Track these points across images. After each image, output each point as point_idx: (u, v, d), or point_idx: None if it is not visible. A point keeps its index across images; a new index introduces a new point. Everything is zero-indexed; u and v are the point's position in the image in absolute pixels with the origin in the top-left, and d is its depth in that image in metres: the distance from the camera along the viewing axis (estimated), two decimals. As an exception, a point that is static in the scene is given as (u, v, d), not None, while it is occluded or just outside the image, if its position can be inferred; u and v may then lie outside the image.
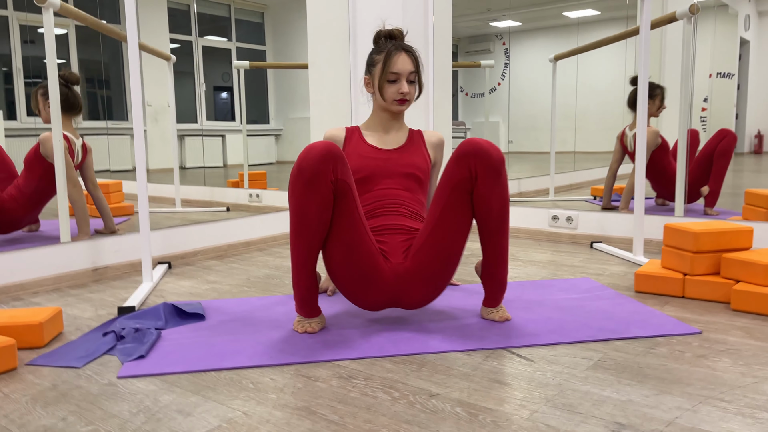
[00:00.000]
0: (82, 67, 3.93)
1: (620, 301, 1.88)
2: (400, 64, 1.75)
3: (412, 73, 1.77)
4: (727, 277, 1.84)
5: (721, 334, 1.59)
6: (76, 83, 2.78)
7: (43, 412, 1.22)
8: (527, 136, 5.19)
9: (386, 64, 1.75)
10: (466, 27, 5.34)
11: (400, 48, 1.77)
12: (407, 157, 1.83)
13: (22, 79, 3.47)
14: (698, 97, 4.33)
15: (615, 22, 4.88)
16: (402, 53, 1.76)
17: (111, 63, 4.10)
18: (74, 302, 2.03)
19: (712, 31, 4.51)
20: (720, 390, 1.26)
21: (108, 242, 2.37)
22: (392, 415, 1.18)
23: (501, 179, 1.55)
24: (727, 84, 5.10)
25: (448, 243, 1.59)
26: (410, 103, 1.80)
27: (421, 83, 1.81)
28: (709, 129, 4.68)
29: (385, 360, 1.46)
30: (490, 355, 1.47)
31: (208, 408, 1.23)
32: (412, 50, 1.79)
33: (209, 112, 4.69)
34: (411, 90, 1.78)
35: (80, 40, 3.82)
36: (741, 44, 5.35)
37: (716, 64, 4.75)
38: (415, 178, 1.80)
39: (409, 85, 1.77)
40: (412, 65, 1.76)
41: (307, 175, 1.46)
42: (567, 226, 2.93)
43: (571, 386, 1.29)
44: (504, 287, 1.69)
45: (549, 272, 2.34)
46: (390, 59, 1.75)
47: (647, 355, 1.45)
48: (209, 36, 4.66)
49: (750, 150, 5.91)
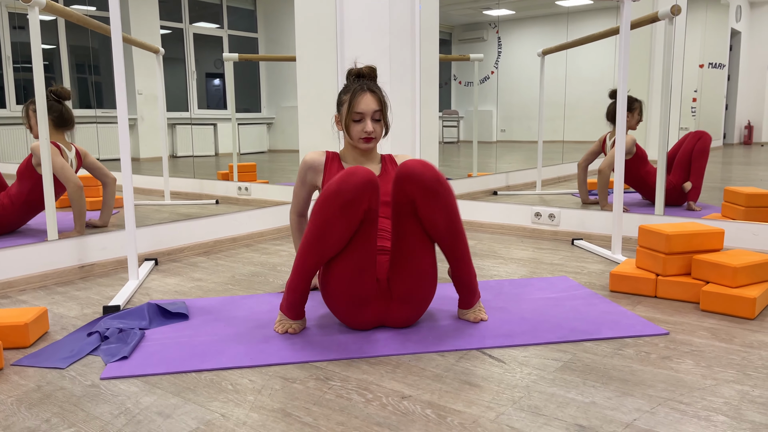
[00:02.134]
0: (71, 53, 3.93)
1: (594, 301, 1.93)
2: (364, 104, 1.82)
3: (377, 111, 1.84)
4: (697, 278, 1.89)
5: (688, 335, 1.65)
6: (67, 98, 2.82)
7: (27, 414, 1.27)
8: (520, 124, 5.22)
9: (351, 105, 1.83)
10: (460, 15, 5.34)
11: (366, 88, 1.84)
12: (384, 186, 1.89)
13: (11, 66, 3.47)
14: (689, 87, 4.37)
15: (606, 12, 4.89)
16: (366, 94, 1.83)
17: (101, 49, 4.09)
18: (61, 300, 2.07)
19: (703, 22, 4.53)
20: (680, 392, 1.31)
21: (95, 240, 2.40)
22: (364, 417, 1.23)
23: (439, 197, 1.57)
24: (718, 75, 5.12)
25: (415, 263, 1.62)
26: (377, 140, 1.88)
27: (386, 122, 1.88)
28: (698, 119, 4.72)
29: (362, 361, 1.51)
30: (463, 356, 1.52)
31: (188, 410, 1.27)
32: (377, 90, 1.86)
33: (201, 100, 4.70)
34: (376, 128, 1.85)
35: (69, 26, 3.81)
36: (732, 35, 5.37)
37: (707, 54, 4.77)
38: (390, 205, 1.78)
39: (374, 123, 1.85)
40: (376, 104, 1.83)
41: (344, 198, 1.50)
42: (549, 223, 2.98)
43: (538, 388, 1.34)
44: (474, 289, 1.74)
45: (528, 270, 2.39)
46: (354, 99, 1.83)
47: (614, 356, 1.51)
48: (200, 23, 4.65)
49: (739, 141, 5.95)
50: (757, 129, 4.91)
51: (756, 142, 4.97)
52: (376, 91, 1.85)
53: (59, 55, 3.87)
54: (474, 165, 4.42)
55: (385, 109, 1.86)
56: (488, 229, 3.24)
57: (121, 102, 2.02)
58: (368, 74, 1.90)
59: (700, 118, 4.73)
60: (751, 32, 4.83)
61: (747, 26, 4.85)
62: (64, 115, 2.80)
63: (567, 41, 4.03)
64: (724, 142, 5.73)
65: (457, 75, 5.37)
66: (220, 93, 4.92)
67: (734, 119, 5.96)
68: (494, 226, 3.20)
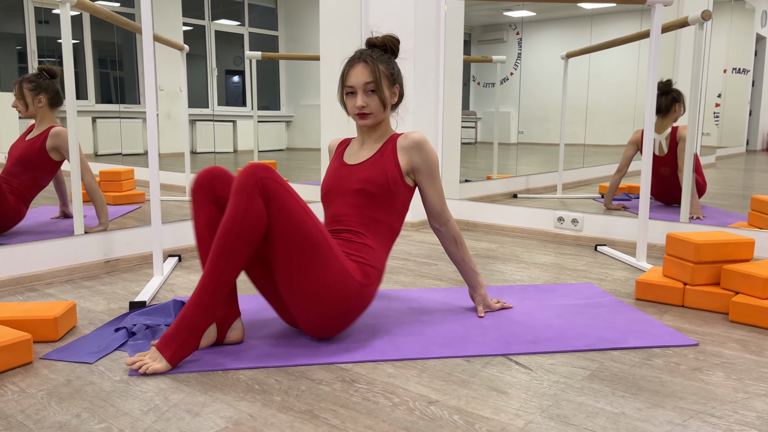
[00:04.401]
0: (95, 47, 3.97)
1: (620, 309, 1.91)
2: (353, 76, 1.66)
3: (369, 83, 1.65)
4: (726, 288, 1.86)
5: (717, 347, 1.62)
6: (56, 77, 2.78)
7: (58, 408, 1.28)
8: (539, 126, 5.19)
9: (343, 77, 1.70)
10: (480, 16, 5.31)
11: (358, 58, 1.68)
12: (364, 171, 1.71)
13: (36, 59, 3.51)
14: (712, 93, 4.32)
15: (630, 15, 4.84)
16: (358, 64, 1.67)
17: (124, 45, 4.13)
18: (87, 294, 2.09)
19: (728, 27, 4.47)
20: (711, 405, 1.29)
21: (119, 235, 2.42)
22: (392, 421, 1.23)
23: (232, 203, 1.44)
24: (742, 80, 5.06)
25: (280, 275, 1.52)
26: (374, 116, 1.69)
27: (382, 95, 1.67)
28: (721, 125, 4.66)
29: (387, 364, 1.50)
30: (489, 362, 1.52)
31: (216, 408, 1.28)
32: (370, 60, 1.66)
33: (220, 97, 4.73)
34: (370, 102, 1.67)
35: (94, 21, 3.85)
36: (757, 40, 5.29)
37: (731, 59, 4.71)
38: (366, 193, 1.68)
39: (368, 96, 1.67)
40: (368, 75, 1.65)
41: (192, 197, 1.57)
42: (572, 228, 2.96)
43: (566, 397, 1.33)
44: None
45: (552, 275, 2.37)
46: (345, 72, 1.69)
47: (643, 366, 1.49)
48: (222, 20, 4.68)
49: (762, 147, 5.87)
50: (781, 136, 4.84)
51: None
52: (368, 61, 1.66)
53: (83, 50, 3.91)
54: (494, 167, 4.40)
55: (380, 79, 1.66)
56: (509, 232, 3.22)
57: (150, 99, 2.04)
58: (380, 45, 1.72)
59: (723, 124, 4.67)
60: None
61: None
62: (59, 93, 2.75)
63: (591, 44, 4.00)
64: (747, 148, 5.66)
65: (476, 76, 5.35)
66: (239, 90, 4.95)
67: (758, 125, 5.88)
68: (515, 229, 3.18)
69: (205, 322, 1.45)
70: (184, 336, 1.43)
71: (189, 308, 1.43)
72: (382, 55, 1.70)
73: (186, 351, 1.45)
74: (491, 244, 2.95)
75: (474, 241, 3.03)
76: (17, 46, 3.53)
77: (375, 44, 1.72)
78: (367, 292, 1.60)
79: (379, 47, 1.72)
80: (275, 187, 1.44)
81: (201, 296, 1.43)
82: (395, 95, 1.74)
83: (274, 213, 1.45)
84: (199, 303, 1.43)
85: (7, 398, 1.32)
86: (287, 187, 1.48)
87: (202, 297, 1.43)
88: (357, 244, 1.64)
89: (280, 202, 1.45)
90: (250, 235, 1.42)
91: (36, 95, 2.67)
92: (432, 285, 2.23)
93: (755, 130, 5.72)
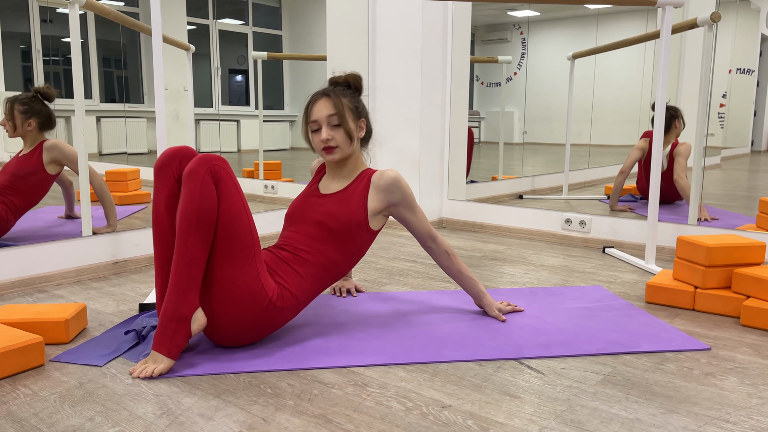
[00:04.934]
0: (100, 47, 3.96)
1: (631, 312, 1.90)
2: (317, 110, 1.68)
3: (332, 116, 1.66)
4: (738, 292, 1.86)
5: (730, 351, 1.62)
6: (52, 100, 2.72)
7: (71, 412, 1.28)
8: (543, 127, 5.17)
9: (306, 113, 1.71)
10: (484, 16, 5.30)
11: (321, 94, 1.70)
12: (329, 205, 1.72)
13: (40, 59, 3.51)
14: (717, 93, 4.30)
15: (635, 15, 4.83)
16: (321, 99, 1.68)
17: (129, 44, 4.12)
18: (96, 296, 2.08)
19: (733, 26, 4.46)
20: (726, 411, 1.29)
21: (127, 236, 2.42)
22: (406, 426, 1.22)
23: (187, 188, 1.46)
24: (747, 80, 5.04)
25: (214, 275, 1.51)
26: (341, 149, 1.69)
27: (347, 128, 1.68)
28: (726, 126, 4.65)
29: (398, 368, 1.50)
30: (501, 366, 1.51)
31: (229, 412, 1.27)
32: (332, 94, 1.68)
33: (224, 96, 4.72)
34: (335, 135, 1.67)
35: (99, 20, 3.84)
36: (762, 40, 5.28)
37: (736, 59, 4.70)
38: (325, 227, 1.68)
39: (332, 129, 1.67)
40: (330, 108, 1.66)
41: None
42: (580, 230, 2.95)
43: (580, 402, 1.33)
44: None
45: (561, 278, 2.36)
46: (308, 108, 1.70)
47: (656, 371, 1.48)
48: (226, 19, 4.67)
49: (767, 149, 5.85)
50: (786, 137, 4.83)
51: (783, 149, 4.89)
52: (330, 94, 1.68)
53: (88, 49, 3.91)
54: (500, 168, 4.39)
55: (344, 111, 1.67)
56: (516, 234, 3.22)
57: (159, 98, 2.03)
58: (343, 82, 1.75)
59: (727, 125, 4.66)
60: (782, 38, 4.76)
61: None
62: (51, 117, 2.68)
63: (597, 44, 3.99)
64: (752, 149, 5.65)
65: (480, 76, 5.34)
66: (242, 89, 4.94)
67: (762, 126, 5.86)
68: (522, 231, 3.18)
69: (188, 308, 1.45)
70: (173, 327, 1.44)
71: (169, 299, 1.44)
72: (345, 90, 1.73)
73: (180, 341, 1.46)
74: (498, 246, 2.94)
75: (481, 243, 3.02)
76: (21, 45, 3.52)
77: (338, 82, 1.76)
78: (276, 312, 1.57)
79: (342, 84, 1.75)
80: (224, 176, 1.49)
81: (177, 284, 1.44)
82: (362, 129, 1.76)
83: (219, 197, 1.48)
84: (176, 291, 1.44)
85: (20, 401, 1.32)
86: (235, 182, 1.52)
87: (178, 285, 1.44)
88: (288, 267, 1.64)
89: (227, 190, 1.49)
90: (208, 216, 1.45)
91: (26, 119, 2.59)
92: (441, 287, 2.23)
93: (760, 131, 5.70)
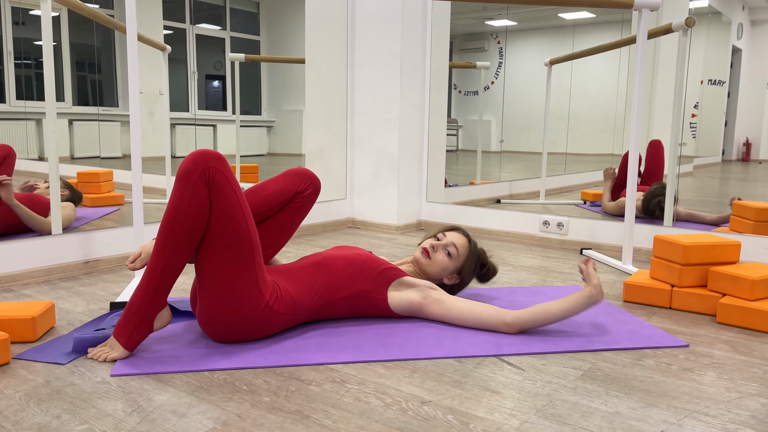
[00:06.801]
0: (73, 49, 3.89)
1: (609, 311, 1.91)
2: (454, 236, 1.94)
3: (454, 247, 1.90)
4: (713, 290, 1.87)
5: (707, 347, 1.63)
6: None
7: (37, 409, 1.23)
8: (519, 135, 5.21)
9: (447, 227, 1.98)
10: (462, 24, 5.33)
11: (468, 241, 1.96)
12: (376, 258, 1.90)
13: (12, 61, 3.43)
14: (689, 103, 4.38)
15: (610, 26, 4.90)
16: (464, 238, 1.95)
17: (103, 48, 4.05)
18: (66, 295, 2.02)
19: (704, 38, 4.55)
20: (705, 404, 1.29)
21: (100, 235, 2.36)
22: (385, 421, 1.20)
23: (177, 189, 1.45)
24: (718, 91, 5.15)
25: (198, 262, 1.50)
26: (431, 264, 1.89)
27: (453, 262, 1.90)
28: (698, 135, 4.74)
29: (377, 365, 1.48)
30: (481, 363, 1.50)
31: (203, 409, 1.23)
32: (473, 243, 1.97)
33: (200, 101, 4.66)
34: (442, 256, 1.90)
35: (72, 22, 3.77)
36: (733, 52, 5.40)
37: (708, 71, 4.80)
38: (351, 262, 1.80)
39: (443, 252, 1.89)
40: (463, 245, 1.92)
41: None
42: (558, 232, 2.96)
43: (560, 396, 1.31)
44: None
45: (539, 278, 2.37)
46: (448, 231, 1.96)
47: (635, 366, 1.48)
48: (203, 24, 4.63)
49: (738, 158, 5.98)
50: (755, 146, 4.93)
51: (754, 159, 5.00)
52: (471, 242, 1.97)
53: (61, 52, 3.83)
54: (477, 173, 4.41)
55: (464, 257, 1.93)
56: (494, 236, 3.22)
57: (134, 101, 1.99)
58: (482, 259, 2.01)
59: (699, 134, 4.75)
60: (752, 50, 4.87)
61: (748, 44, 4.88)
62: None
63: (575, 52, 4.03)
64: (723, 158, 5.77)
65: (458, 84, 5.37)
66: (219, 94, 4.89)
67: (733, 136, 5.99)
68: (501, 233, 3.18)
69: (153, 309, 1.47)
70: (135, 322, 1.46)
71: (137, 295, 1.46)
72: (477, 258, 1.96)
73: (139, 336, 1.47)
74: (477, 249, 2.94)
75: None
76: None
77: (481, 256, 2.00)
78: (272, 315, 1.56)
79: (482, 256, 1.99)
80: (220, 179, 1.45)
81: (148, 284, 1.45)
82: (455, 279, 1.92)
83: (213, 202, 1.45)
84: (146, 290, 1.45)
85: (-18, 400, 1.26)
86: (232, 184, 1.47)
87: (149, 285, 1.45)
88: (287, 279, 1.63)
89: (222, 195, 1.45)
90: (193, 223, 1.42)
91: None
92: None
93: (730, 141, 5.83)
